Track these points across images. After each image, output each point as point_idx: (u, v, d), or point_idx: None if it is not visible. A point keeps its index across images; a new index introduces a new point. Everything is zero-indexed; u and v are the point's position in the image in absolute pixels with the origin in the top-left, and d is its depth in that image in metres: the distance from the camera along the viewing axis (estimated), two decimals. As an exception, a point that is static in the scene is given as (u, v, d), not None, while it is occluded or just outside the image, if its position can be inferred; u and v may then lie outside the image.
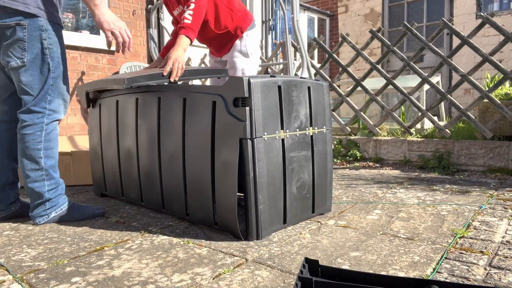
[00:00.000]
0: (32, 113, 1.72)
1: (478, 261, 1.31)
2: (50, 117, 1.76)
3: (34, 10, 1.65)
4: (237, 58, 2.27)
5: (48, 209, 1.79)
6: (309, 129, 1.73)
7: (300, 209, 1.72)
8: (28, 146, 1.72)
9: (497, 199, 2.12)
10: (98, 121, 2.24)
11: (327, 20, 8.37)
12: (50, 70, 1.72)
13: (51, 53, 1.71)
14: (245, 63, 2.29)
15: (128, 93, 2.01)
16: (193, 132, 1.67)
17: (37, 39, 1.67)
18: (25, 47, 1.66)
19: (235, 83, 1.48)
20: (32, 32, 1.65)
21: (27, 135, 1.72)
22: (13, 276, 1.26)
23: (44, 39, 1.68)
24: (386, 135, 3.58)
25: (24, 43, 1.65)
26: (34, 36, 1.66)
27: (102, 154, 2.25)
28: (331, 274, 1.08)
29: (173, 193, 1.81)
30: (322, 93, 1.80)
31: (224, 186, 1.55)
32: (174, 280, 1.21)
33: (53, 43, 1.71)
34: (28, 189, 1.76)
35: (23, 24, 1.64)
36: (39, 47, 1.68)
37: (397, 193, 2.31)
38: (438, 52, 3.21)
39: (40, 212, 1.78)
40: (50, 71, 1.72)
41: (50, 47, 1.71)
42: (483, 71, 5.28)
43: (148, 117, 1.90)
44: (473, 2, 5.95)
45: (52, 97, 1.75)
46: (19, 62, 1.67)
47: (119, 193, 2.18)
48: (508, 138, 3.02)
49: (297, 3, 2.91)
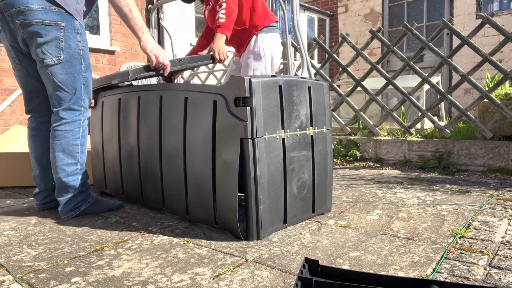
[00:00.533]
0: (72, 110, 1.83)
1: (478, 261, 1.31)
2: (85, 115, 1.89)
3: (73, 12, 1.76)
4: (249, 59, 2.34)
5: (79, 202, 1.88)
6: (309, 129, 1.73)
7: (300, 209, 1.72)
8: (67, 142, 1.82)
9: (497, 199, 2.12)
10: (100, 120, 2.24)
11: (327, 20, 8.37)
12: (83, 70, 1.83)
13: (84, 54, 1.82)
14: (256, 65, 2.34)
15: (130, 91, 2.02)
16: (194, 131, 1.67)
17: (73, 40, 1.77)
18: (62, 46, 1.74)
19: (236, 83, 1.48)
20: (69, 33, 1.75)
21: (66, 131, 1.82)
22: (13, 276, 1.26)
23: (79, 41, 1.80)
24: (386, 135, 3.58)
25: (62, 43, 1.74)
26: (71, 37, 1.76)
27: (103, 152, 2.25)
28: (331, 274, 1.08)
29: (174, 192, 1.81)
30: (322, 93, 1.81)
31: (224, 186, 1.55)
32: (174, 280, 1.21)
33: (85, 46, 1.83)
34: (62, 183, 1.84)
35: (61, 25, 1.72)
36: (75, 48, 1.78)
37: (397, 193, 2.31)
38: (438, 52, 3.21)
39: (72, 206, 1.86)
40: (83, 71, 1.83)
41: (83, 49, 1.82)
42: (483, 71, 5.28)
43: (149, 115, 1.90)
44: (473, 2, 5.95)
45: (84, 96, 1.87)
46: (55, 59, 1.74)
47: (119, 192, 2.19)
48: (508, 138, 3.02)
49: (297, 3, 2.91)
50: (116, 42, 4.45)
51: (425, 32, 6.45)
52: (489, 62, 2.96)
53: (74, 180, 1.85)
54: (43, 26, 1.69)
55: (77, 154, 1.85)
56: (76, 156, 1.85)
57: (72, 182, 1.85)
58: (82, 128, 1.87)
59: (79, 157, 1.86)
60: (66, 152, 1.83)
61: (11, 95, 3.74)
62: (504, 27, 3.21)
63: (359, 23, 7.16)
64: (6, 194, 2.44)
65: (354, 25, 7.23)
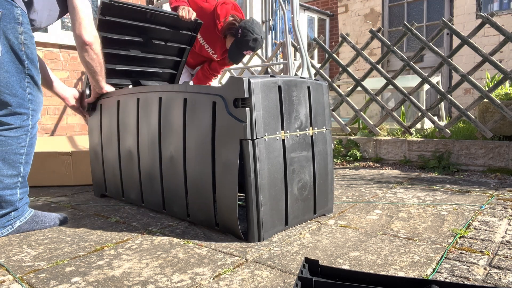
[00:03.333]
0: (17, 115, 1.58)
1: (478, 261, 1.31)
2: (34, 118, 1.64)
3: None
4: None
5: (13, 218, 1.63)
6: (309, 129, 1.73)
7: (302, 210, 1.71)
8: (10, 150, 1.58)
9: (497, 199, 2.12)
10: (98, 122, 2.23)
11: (327, 20, 8.37)
12: (25, 67, 1.58)
13: (26, 49, 1.56)
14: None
15: (130, 93, 2.01)
16: (193, 133, 1.66)
17: (13, 31, 1.51)
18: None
19: (235, 83, 1.48)
20: (8, 24, 1.49)
21: (10, 137, 1.57)
22: (13, 276, 1.26)
23: (20, 33, 1.52)
24: (386, 135, 3.58)
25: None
26: (9, 28, 1.49)
27: (102, 155, 2.24)
28: (331, 274, 1.08)
29: (174, 194, 1.81)
30: (321, 93, 1.80)
31: (225, 187, 1.54)
32: (174, 280, 1.21)
33: (27, 39, 1.56)
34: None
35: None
36: (15, 42, 1.52)
37: (397, 193, 2.31)
38: (438, 52, 3.21)
39: (4, 222, 1.61)
40: (25, 67, 1.58)
41: (25, 43, 1.56)
42: (483, 71, 5.28)
43: (149, 117, 1.90)
44: (473, 2, 5.95)
45: (32, 96, 1.62)
46: None
47: (119, 194, 2.18)
48: (508, 138, 3.02)
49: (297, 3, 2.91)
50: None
51: (425, 32, 6.44)
52: (489, 62, 2.96)
53: (12, 195, 1.60)
54: None
55: (20, 165, 1.60)
56: (18, 167, 1.60)
57: (9, 196, 1.59)
58: (31, 135, 1.62)
59: (21, 169, 1.61)
60: (7, 162, 1.57)
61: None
62: (504, 27, 3.21)
63: (359, 23, 7.16)
64: (6, 194, 2.44)
65: (354, 25, 7.23)
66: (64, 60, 3.78)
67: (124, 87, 2.13)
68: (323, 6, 8.39)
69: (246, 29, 2.44)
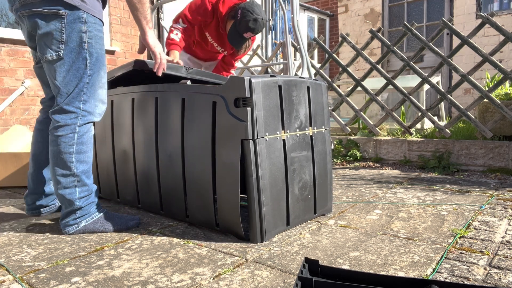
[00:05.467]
0: (65, 113, 1.59)
1: (478, 261, 1.31)
2: (84, 119, 1.62)
3: (76, 2, 1.54)
4: None
5: (78, 217, 1.65)
6: (308, 129, 1.73)
7: (303, 210, 1.71)
8: (60, 150, 1.60)
9: (497, 199, 2.12)
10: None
11: (327, 20, 8.37)
12: (87, 67, 1.58)
13: (89, 47, 1.58)
14: None
15: (123, 93, 2.00)
16: (192, 133, 1.66)
17: (76, 31, 1.54)
18: (62, 39, 1.53)
19: (236, 83, 1.47)
20: (71, 24, 1.53)
21: (59, 136, 1.59)
22: (13, 276, 1.26)
23: (84, 32, 1.55)
24: (386, 135, 3.58)
25: (62, 34, 1.53)
26: (73, 27, 1.53)
27: (96, 156, 2.22)
28: (331, 274, 1.08)
29: (172, 195, 1.80)
30: (321, 93, 1.80)
31: (226, 188, 1.54)
32: (174, 280, 1.21)
33: (92, 37, 1.58)
34: (59, 195, 1.64)
35: (61, 14, 1.51)
36: (77, 40, 1.55)
37: (397, 193, 2.31)
38: (438, 52, 3.21)
39: (69, 221, 1.64)
40: (87, 67, 1.58)
41: (89, 41, 1.57)
42: (483, 71, 5.28)
43: (145, 117, 1.89)
44: (473, 2, 5.95)
45: (87, 97, 1.62)
46: (55, 55, 1.55)
47: (114, 195, 2.16)
48: (508, 138, 3.02)
49: (297, 3, 2.91)
50: (116, 42, 4.45)
51: (425, 32, 6.44)
52: (489, 62, 2.96)
53: (71, 194, 1.62)
54: (42, 15, 1.51)
55: (72, 164, 1.61)
56: (71, 166, 1.61)
57: (69, 195, 1.62)
58: (79, 133, 1.61)
59: (74, 168, 1.61)
60: (59, 161, 1.60)
61: (11, 95, 3.74)
62: (504, 27, 3.21)
63: (359, 23, 7.16)
64: (6, 194, 2.44)
65: (354, 25, 7.23)
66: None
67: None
68: (323, 6, 8.39)
69: (246, 9, 2.32)
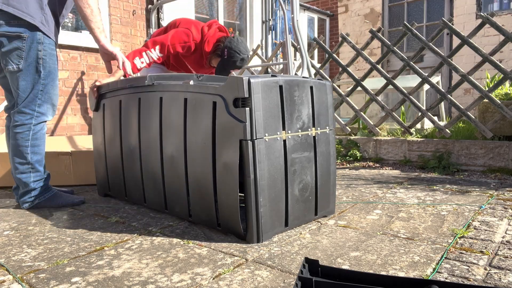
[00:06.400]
0: (22, 114, 1.97)
1: (478, 261, 1.31)
2: (38, 119, 2.00)
3: (38, 24, 1.89)
4: None
5: (33, 196, 2.06)
6: (311, 130, 1.72)
7: (303, 212, 1.70)
8: (17, 143, 1.98)
9: (497, 199, 2.12)
10: (101, 121, 2.23)
11: (327, 20, 8.37)
12: (41, 77, 1.96)
13: (43, 63, 1.96)
14: None
15: (131, 93, 2.01)
16: (194, 133, 1.66)
17: (34, 50, 1.92)
18: (23, 55, 1.91)
19: (234, 83, 1.47)
20: (31, 44, 1.90)
21: (17, 133, 1.98)
22: (13, 276, 1.26)
23: (40, 50, 1.93)
24: (386, 135, 3.58)
25: (22, 52, 1.90)
26: (32, 47, 1.91)
27: (105, 154, 2.24)
28: (331, 274, 1.08)
29: (176, 194, 1.80)
30: (325, 93, 1.79)
31: (226, 188, 1.54)
32: (174, 280, 1.21)
33: (46, 55, 1.96)
34: (17, 179, 2.04)
35: (23, 37, 1.88)
36: (34, 57, 1.93)
37: (397, 193, 2.31)
38: (438, 52, 3.21)
39: (26, 199, 2.05)
40: (41, 78, 1.96)
41: (44, 58, 1.96)
42: (483, 71, 5.28)
43: (150, 117, 1.89)
44: (473, 2, 5.95)
45: (41, 101, 2.00)
46: (15, 67, 1.92)
47: (122, 194, 2.18)
48: (508, 138, 3.02)
49: (297, 3, 2.91)
50: (116, 42, 4.45)
51: (425, 32, 6.44)
52: (489, 62, 2.96)
53: (26, 178, 2.02)
54: (6, 37, 1.87)
55: (27, 154, 2.00)
56: (26, 156, 2.00)
57: (24, 179, 2.02)
58: (33, 131, 1.99)
59: (29, 158, 2.00)
60: (17, 152, 1.99)
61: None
62: (504, 27, 3.21)
63: (359, 23, 7.16)
64: (6, 194, 2.44)
65: (354, 25, 7.23)
66: (64, 60, 3.78)
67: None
68: (323, 6, 8.39)
69: (232, 50, 2.37)
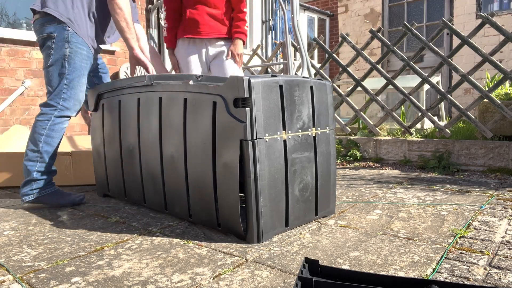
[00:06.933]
0: (47, 106, 2.07)
1: (478, 261, 1.31)
2: (62, 112, 2.07)
3: (66, 20, 2.02)
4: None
5: (35, 189, 2.04)
6: (311, 130, 1.72)
7: (303, 212, 1.70)
8: (35, 130, 2.04)
9: (497, 199, 2.12)
10: (101, 121, 2.23)
11: (327, 20, 8.37)
12: (66, 73, 2.06)
13: (69, 59, 2.06)
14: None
15: (130, 93, 2.01)
16: (194, 133, 1.66)
17: (61, 47, 2.04)
18: (51, 53, 2.05)
19: (235, 83, 1.47)
20: (59, 42, 2.04)
21: (37, 121, 2.05)
22: (13, 276, 1.26)
23: (66, 48, 2.05)
24: (386, 135, 3.58)
25: (51, 50, 2.05)
26: (59, 45, 2.04)
27: (104, 155, 2.24)
28: (331, 274, 1.08)
29: (176, 194, 1.80)
30: (325, 93, 1.79)
31: (226, 188, 1.54)
32: (174, 280, 1.21)
33: (72, 52, 2.06)
34: (24, 165, 2.05)
35: (53, 36, 2.03)
36: (61, 54, 2.04)
37: (397, 193, 2.31)
38: (438, 52, 3.21)
39: (27, 191, 2.04)
40: (66, 73, 2.06)
41: (69, 55, 2.06)
42: (483, 71, 5.28)
43: (149, 117, 1.89)
44: (473, 2, 5.95)
45: (67, 96, 2.07)
46: (46, 64, 2.07)
47: (121, 194, 2.18)
48: (508, 138, 3.02)
49: (297, 3, 2.91)
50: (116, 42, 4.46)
51: (425, 32, 6.44)
52: (489, 62, 2.96)
53: (32, 166, 2.03)
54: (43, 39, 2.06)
55: (39, 143, 2.03)
56: (38, 144, 2.03)
57: (30, 167, 2.03)
58: (52, 122, 2.05)
59: (40, 146, 2.03)
60: (32, 139, 2.04)
61: (11, 95, 3.74)
62: (504, 27, 3.21)
63: (359, 23, 7.16)
64: (6, 194, 2.44)
65: (354, 25, 7.23)
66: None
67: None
68: (323, 6, 8.40)
69: None
